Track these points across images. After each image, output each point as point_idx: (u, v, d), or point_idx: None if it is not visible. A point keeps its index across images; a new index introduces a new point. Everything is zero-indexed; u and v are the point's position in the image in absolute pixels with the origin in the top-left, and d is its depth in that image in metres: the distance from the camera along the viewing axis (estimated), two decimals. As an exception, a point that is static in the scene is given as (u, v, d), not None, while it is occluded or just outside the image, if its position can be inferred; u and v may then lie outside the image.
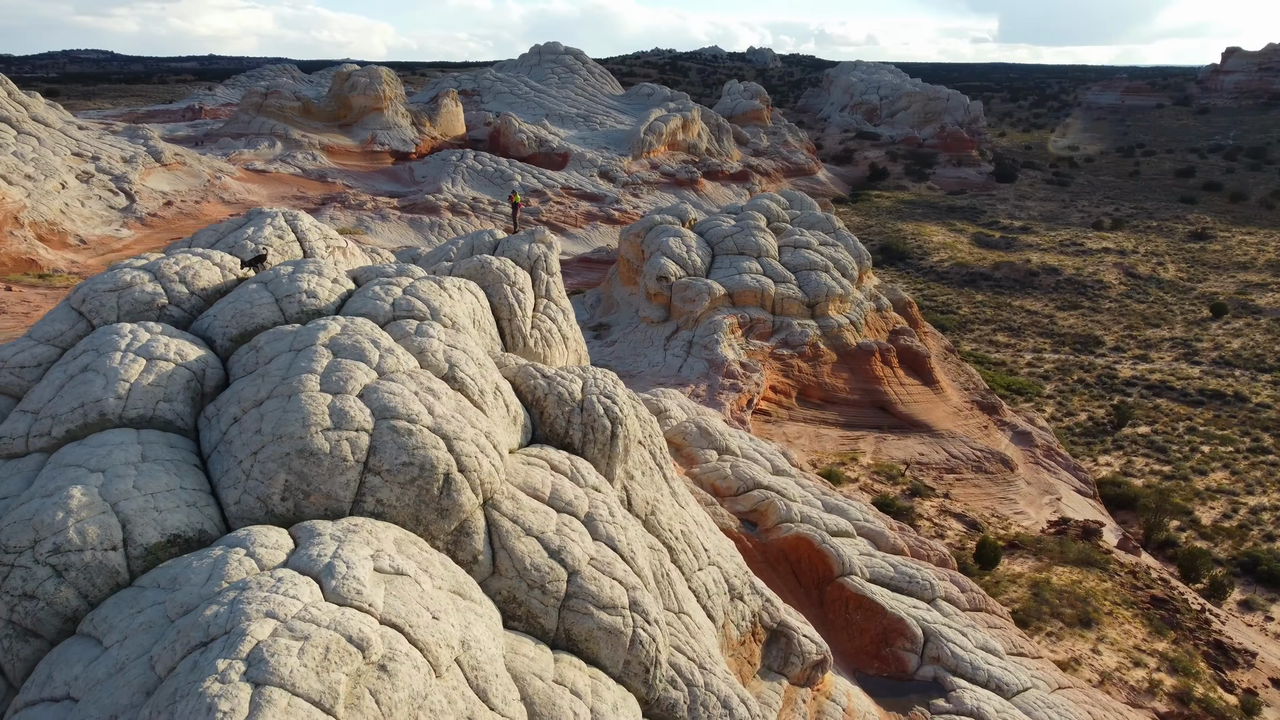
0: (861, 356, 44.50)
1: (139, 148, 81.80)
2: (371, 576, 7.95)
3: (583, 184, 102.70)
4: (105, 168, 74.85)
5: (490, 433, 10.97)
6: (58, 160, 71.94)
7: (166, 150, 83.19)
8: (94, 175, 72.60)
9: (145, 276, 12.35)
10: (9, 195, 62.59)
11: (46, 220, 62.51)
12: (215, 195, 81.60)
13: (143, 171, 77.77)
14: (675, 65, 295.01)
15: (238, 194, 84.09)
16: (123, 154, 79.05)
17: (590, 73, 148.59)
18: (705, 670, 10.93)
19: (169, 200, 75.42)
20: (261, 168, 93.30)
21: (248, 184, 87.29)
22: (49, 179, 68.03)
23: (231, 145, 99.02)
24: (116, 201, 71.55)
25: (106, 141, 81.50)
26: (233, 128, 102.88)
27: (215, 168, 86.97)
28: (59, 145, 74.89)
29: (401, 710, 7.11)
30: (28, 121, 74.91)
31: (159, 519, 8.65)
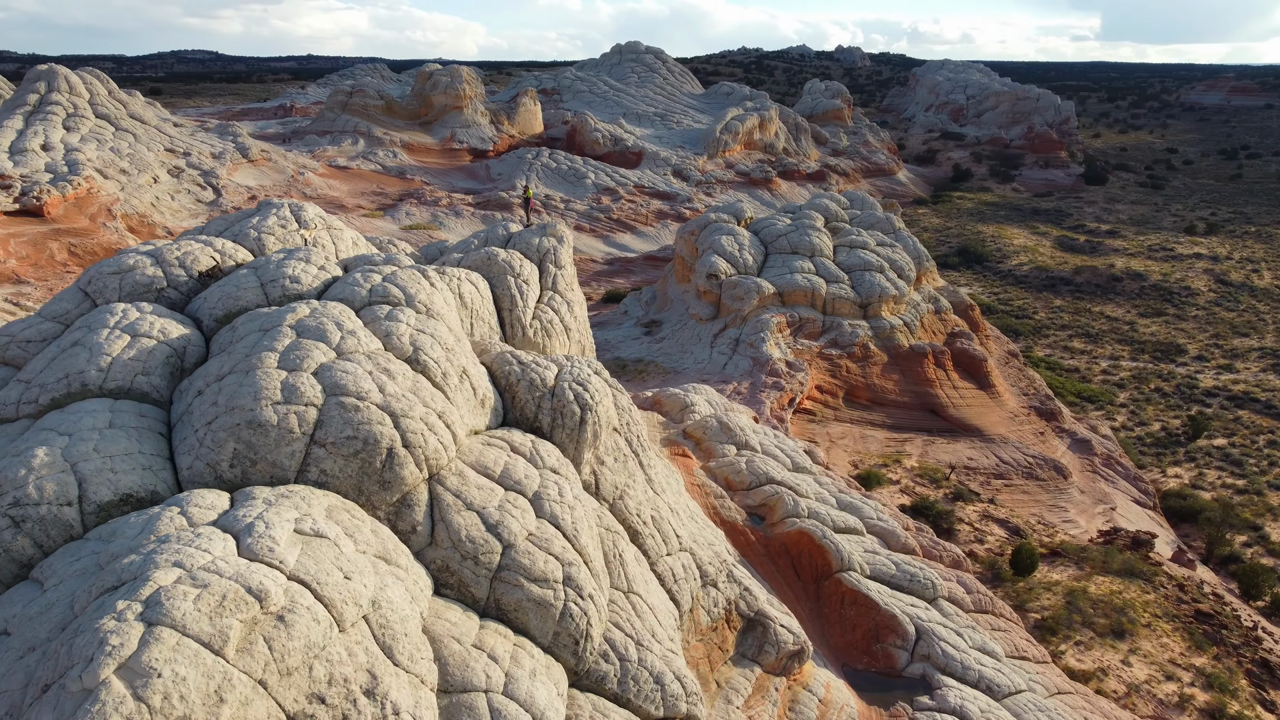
0: (913, 358, 44.05)
1: (228, 144, 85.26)
2: (289, 537, 8.60)
3: (655, 182, 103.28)
4: (195, 163, 78.26)
5: (445, 413, 11.57)
6: (151, 156, 75.50)
7: (254, 147, 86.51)
8: (184, 170, 76.00)
9: (147, 261, 13.32)
10: (104, 188, 66.06)
11: (137, 212, 65.74)
12: (298, 190, 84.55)
13: (230, 167, 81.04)
14: (761, 64, 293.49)
15: (319, 189, 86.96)
16: (212, 150, 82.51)
17: (670, 72, 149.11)
18: (642, 647, 11.34)
19: (253, 195, 78.45)
20: (344, 164, 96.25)
21: (330, 180, 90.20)
22: (142, 173, 71.48)
23: (317, 142, 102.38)
24: (204, 195, 74.77)
25: (198, 138, 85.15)
26: (319, 125, 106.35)
27: (300, 164, 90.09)
28: (153, 141, 78.58)
29: (295, 657, 7.73)
30: (125, 119, 78.78)
31: (113, 480, 9.48)
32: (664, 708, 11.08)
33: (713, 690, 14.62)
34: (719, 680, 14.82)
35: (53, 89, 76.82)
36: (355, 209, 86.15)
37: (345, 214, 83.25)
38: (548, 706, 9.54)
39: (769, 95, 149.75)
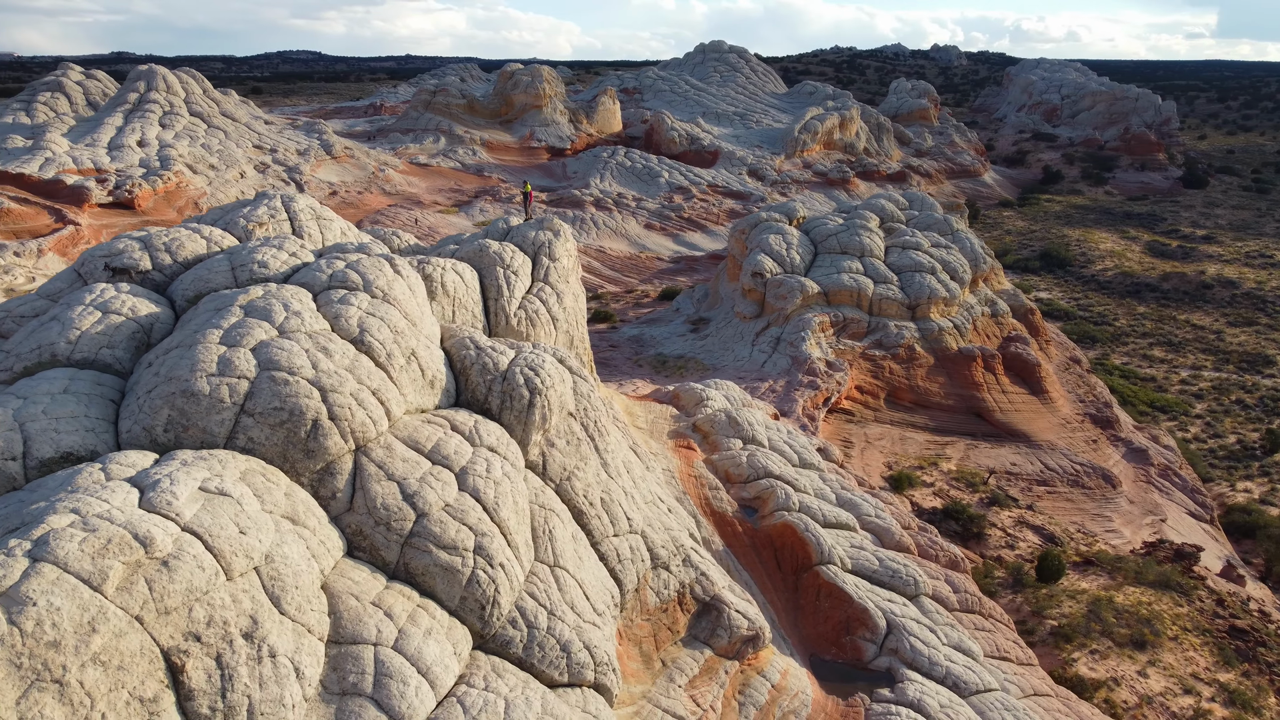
0: (961, 361, 43.53)
1: (313, 141, 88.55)
2: (191, 494, 9.49)
3: (729, 182, 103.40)
4: (281, 159, 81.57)
5: (380, 390, 12.39)
6: (240, 152, 79.01)
7: (337, 144, 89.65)
8: (270, 166, 79.32)
9: (136, 246, 14.50)
10: (192, 183, 69.49)
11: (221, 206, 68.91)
12: (378, 187, 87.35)
13: (314, 163, 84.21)
14: (853, 63, 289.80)
15: (398, 186, 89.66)
16: (298, 147, 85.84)
17: (753, 71, 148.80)
18: (554, 617, 11.96)
19: (334, 190, 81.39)
20: (425, 161, 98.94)
21: (409, 176, 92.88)
22: (230, 169, 74.90)
23: (400, 140, 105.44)
24: (287, 191, 77.82)
25: (286, 136, 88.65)
26: (403, 123, 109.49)
27: (381, 161, 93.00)
28: (242, 138, 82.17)
29: (176, 599, 8.60)
30: (217, 117, 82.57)
31: (56, 439, 10.55)
32: (568, 674, 11.68)
33: (656, 668, 15.15)
34: (665, 659, 15.33)
35: (151, 88, 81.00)
36: (432, 205, 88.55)
37: (422, 210, 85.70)
38: (435, 662, 10.25)
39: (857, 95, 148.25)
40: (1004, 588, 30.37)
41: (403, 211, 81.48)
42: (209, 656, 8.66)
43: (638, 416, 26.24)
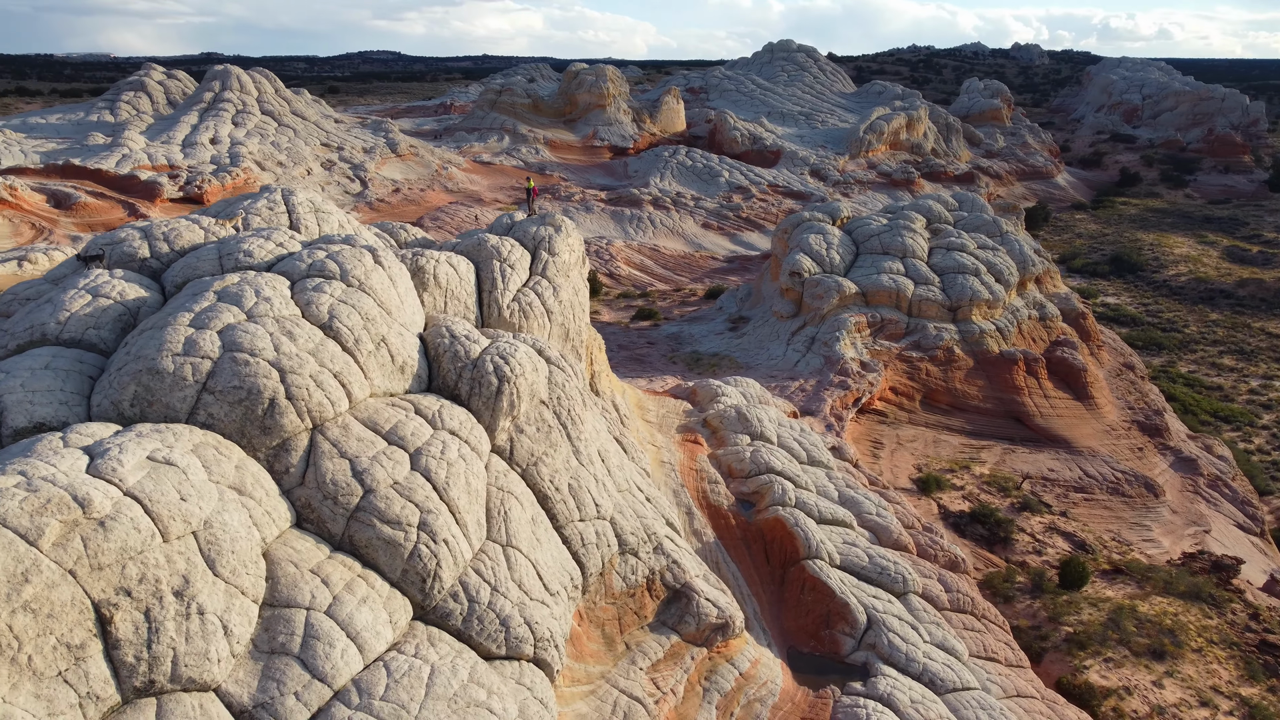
0: (1002, 365, 42.97)
1: (379, 140, 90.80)
2: (138, 462, 10.26)
3: (791, 182, 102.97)
4: (347, 157, 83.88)
5: (342, 373, 13.08)
6: (307, 150, 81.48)
7: (402, 142, 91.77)
8: (336, 164, 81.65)
9: (136, 235, 15.48)
10: (260, 179, 71.95)
11: (288, 201, 71.24)
12: (440, 184, 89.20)
13: (379, 161, 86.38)
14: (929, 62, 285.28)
15: (460, 183, 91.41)
16: (364, 145, 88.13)
17: (821, 70, 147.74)
18: (497, 593, 12.50)
19: (397, 188, 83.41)
20: (488, 160, 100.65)
21: (471, 174, 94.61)
22: (297, 166, 77.32)
23: (465, 138, 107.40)
24: (352, 187, 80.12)
25: (353, 134, 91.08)
26: (468, 122, 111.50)
27: (445, 159, 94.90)
28: (311, 136, 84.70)
29: (109, 556, 9.35)
30: (288, 115, 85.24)
31: (30, 410, 11.44)
32: (506, 648, 12.20)
33: (619, 650, 15.59)
34: (629, 642, 15.77)
35: (226, 87, 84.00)
36: (492, 202, 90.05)
37: (481, 207, 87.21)
38: (365, 628, 10.87)
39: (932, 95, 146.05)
40: (1023, 593, 30.02)
41: (462, 209, 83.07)
42: (138, 610, 9.39)
43: (648, 410, 26.68)
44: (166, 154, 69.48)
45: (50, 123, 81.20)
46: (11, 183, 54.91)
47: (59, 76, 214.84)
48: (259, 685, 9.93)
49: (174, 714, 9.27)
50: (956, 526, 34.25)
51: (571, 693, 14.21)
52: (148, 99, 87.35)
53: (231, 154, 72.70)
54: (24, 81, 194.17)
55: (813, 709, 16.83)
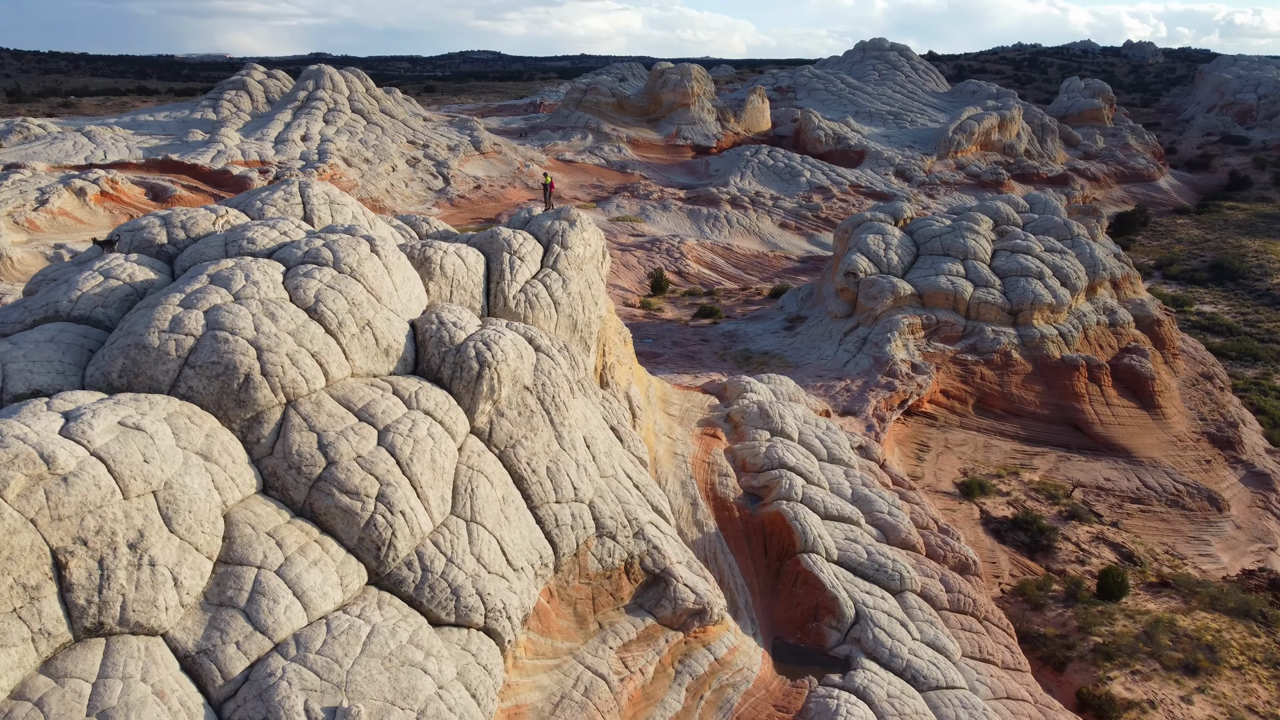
0: (1062, 371, 42.01)
1: (464, 138, 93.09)
2: (108, 426, 11.28)
3: (874, 182, 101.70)
4: (431, 154, 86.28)
5: (320, 353, 13.98)
6: (394, 147, 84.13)
7: (486, 140, 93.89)
8: (420, 160, 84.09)
9: (157, 223, 16.72)
10: (346, 175, 74.66)
11: (371, 197, 73.81)
12: (520, 181, 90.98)
13: (462, 158, 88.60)
14: (1034, 61, 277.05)
15: (540, 181, 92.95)
16: (449, 143, 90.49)
17: (913, 69, 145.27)
18: (452, 564, 13.20)
19: (478, 185, 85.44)
20: (570, 158, 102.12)
21: (552, 172, 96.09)
22: (383, 162, 79.94)
23: (550, 137, 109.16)
24: (434, 184, 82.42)
25: (439, 132, 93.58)
26: (553, 121, 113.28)
27: (527, 157, 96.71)
28: (398, 134, 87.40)
29: (69, 508, 10.36)
30: (376, 113, 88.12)
31: (29, 378, 12.62)
32: (455, 616, 12.90)
33: (591, 629, 16.17)
34: (602, 621, 16.33)
35: (319, 86, 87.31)
36: (571, 200, 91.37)
37: (559, 204, 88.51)
38: (312, 588, 11.69)
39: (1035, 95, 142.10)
40: (1056, 601, 29.44)
41: (540, 206, 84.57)
42: (92, 559, 10.38)
43: (671, 404, 27.16)
44: (259, 150, 72.73)
45: (158, 120, 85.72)
46: (114, 176, 58.34)
47: (177, 76, 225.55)
48: (204, 633, 10.83)
49: (120, 653, 10.22)
50: (996, 533, 33.73)
51: (534, 665, 14.84)
52: (248, 97, 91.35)
53: (320, 150, 75.63)
54: (145, 81, 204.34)
55: (786, 697, 17.10)
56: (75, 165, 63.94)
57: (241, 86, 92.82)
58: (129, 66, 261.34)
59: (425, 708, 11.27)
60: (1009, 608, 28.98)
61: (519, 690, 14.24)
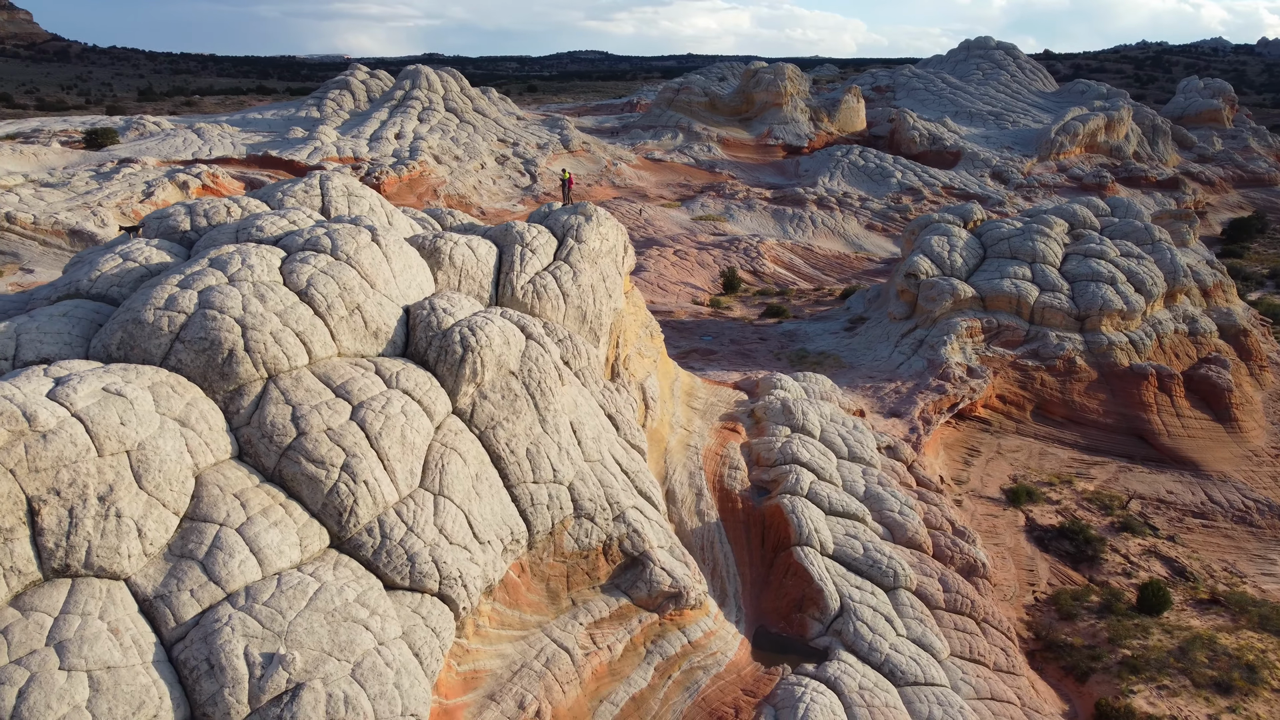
0: (1130, 379, 40.77)
1: (554, 136, 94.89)
2: (91, 390, 12.51)
3: (967, 184, 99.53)
4: (520, 152, 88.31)
5: (305, 333, 15.06)
6: (484, 145, 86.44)
7: (575, 138, 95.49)
8: (509, 159, 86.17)
9: (182, 211, 18.14)
10: (435, 171, 77.14)
11: (458, 194, 76.09)
12: (608, 180, 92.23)
13: (550, 156, 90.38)
14: (1157, 60, 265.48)
15: (628, 179, 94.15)
16: (538, 141, 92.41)
17: (1019, 69, 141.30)
18: (411, 533, 14.08)
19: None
20: (659, 157, 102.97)
21: (640, 171, 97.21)
22: (472, 160, 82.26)
23: (641, 136, 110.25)
24: (521, 181, 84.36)
25: (530, 130, 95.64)
26: (645, 120, 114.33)
27: (616, 155, 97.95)
28: (489, 132, 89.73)
29: (46, 462, 11.60)
30: (469, 112, 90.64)
31: (38, 347, 14.02)
32: (409, 581, 13.77)
33: (564, 605, 16.89)
34: (575, 599, 17.03)
35: (415, 85, 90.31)
36: (656, 199, 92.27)
37: (646, 202, 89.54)
38: (269, 546, 12.71)
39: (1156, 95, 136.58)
40: (1090, 612, 28.74)
41: (625, 203, 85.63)
42: (63, 507, 11.60)
43: (695, 397, 27.66)
44: (353, 147, 75.80)
45: (265, 118, 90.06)
46: (215, 171, 61.74)
47: (296, 76, 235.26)
48: (163, 581, 11.96)
49: (82, 593, 11.41)
50: (1039, 541, 33.06)
51: (499, 634, 15.64)
52: (350, 96, 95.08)
53: (411, 148, 78.31)
54: (265, 81, 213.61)
55: (757, 683, 17.49)
56: (182, 160, 67.92)
57: (345, 86, 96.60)
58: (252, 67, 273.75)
59: (362, 660, 12.16)
60: (1038, 616, 28.51)
61: (479, 656, 15.05)
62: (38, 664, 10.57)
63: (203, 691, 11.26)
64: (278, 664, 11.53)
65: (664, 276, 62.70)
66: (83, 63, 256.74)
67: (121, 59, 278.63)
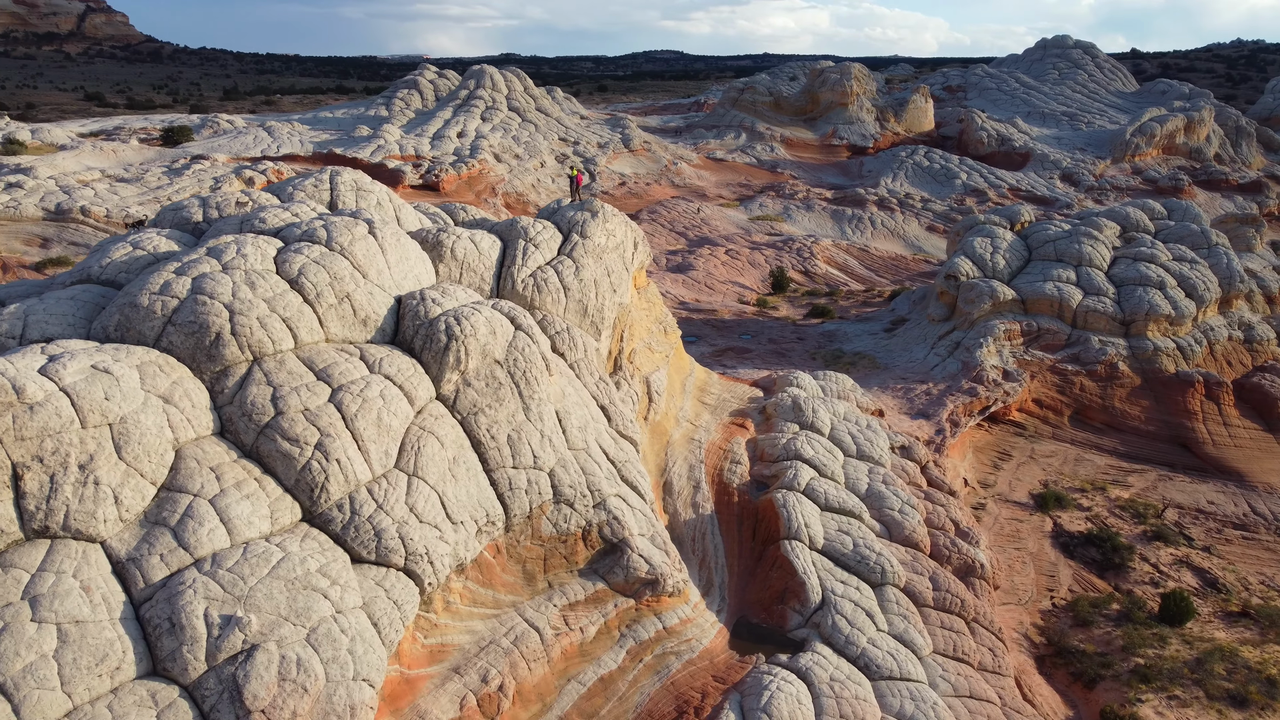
0: (1175, 386, 39.82)
1: (615, 135, 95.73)
2: (80, 368, 13.49)
3: (1035, 186, 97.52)
4: (580, 151, 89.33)
5: (291, 319, 15.92)
6: (545, 144, 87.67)
7: (637, 138, 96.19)
8: (568, 157, 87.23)
9: (196, 204, 19.21)
10: (494, 170, 78.57)
11: (516, 191, 77.41)
12: (667, 179, 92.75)
13: (610, 155, 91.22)
14: (1253, 59, 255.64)
15: (687, 179, 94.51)
16: (599, 140, 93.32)
17: (1098, 68, 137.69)
18: (381, 510, 14.80)
19: (623, 181, 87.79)
20: (721, 156, 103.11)
21: (700, 170, 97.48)
22: (532, 159, 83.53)
23: (703, 135, 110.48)
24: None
25: (592, 130, 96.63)
26: (709, 120, 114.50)
27: (677, 155, 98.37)
28: (550, 132, 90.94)
29: (32, 431, 12.59)
30: (532, 112, 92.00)
31: (44, 328, 15.11)
32: (375, 555, 14.48)
33: (540, 586, 17.46)
34: (551, 581, 17.60)
35: (479, 85, 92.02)
36: (715, 198, 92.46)
37: (704, 202, 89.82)
38: (238, 517, 13.54)
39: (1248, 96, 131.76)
40: (1107, 619, 28.26)
41: (682, 203, 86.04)
42: (45, 473, 12.58)
43: (708, 393, 28.02)
44: (416, 145, 77.66)
45: (335, 116, 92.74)
46: (280, 167, 63.99)
47: (375, 76, 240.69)
48: (136, 545, 12.87)
49: (60, 553, 12.37)
50: (1065, 547, 32.54)
51: (470, 611, 16.29)
52: (418, 96, 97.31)
53: (473, 147, 79.90)
54: (345, 80, 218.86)
55: (729, 670, 17.83)
56: (250, 157, 70.48)
57: (413, 85, 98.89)
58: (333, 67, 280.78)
59: (318, 626, 12.91)
60: (1053, 621, 28.17)
61: (448, 631, 15.73)
62: (11, 615, 11.52)
63: (164, 648, 12.11)
64: (234, 625, 12.33)
65: (712, 275, 62.95)
66: (174, 63, 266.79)
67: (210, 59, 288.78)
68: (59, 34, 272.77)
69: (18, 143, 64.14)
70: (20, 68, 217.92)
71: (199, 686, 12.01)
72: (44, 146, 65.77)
